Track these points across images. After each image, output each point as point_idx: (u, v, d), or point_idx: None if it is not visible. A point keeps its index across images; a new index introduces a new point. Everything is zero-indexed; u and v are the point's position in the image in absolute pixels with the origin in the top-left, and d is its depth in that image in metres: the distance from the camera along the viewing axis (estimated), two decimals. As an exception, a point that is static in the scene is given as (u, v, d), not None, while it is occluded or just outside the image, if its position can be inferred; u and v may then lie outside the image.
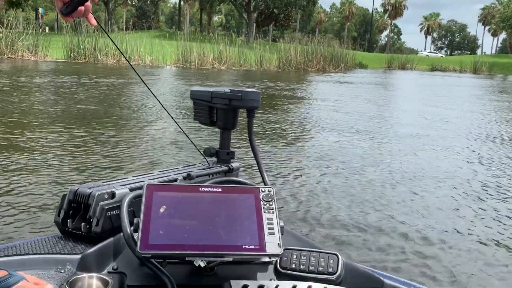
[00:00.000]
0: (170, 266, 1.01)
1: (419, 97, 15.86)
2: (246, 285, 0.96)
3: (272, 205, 1.06)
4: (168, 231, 0.98)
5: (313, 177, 4.67)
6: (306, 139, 6.87)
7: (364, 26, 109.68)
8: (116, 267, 1.02)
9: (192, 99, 1.57)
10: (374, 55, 57.24)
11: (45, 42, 22.08)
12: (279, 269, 1.07)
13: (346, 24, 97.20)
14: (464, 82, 28.05)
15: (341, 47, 32.84)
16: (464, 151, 6.44)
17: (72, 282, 0.92)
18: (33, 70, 15.99)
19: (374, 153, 5.99)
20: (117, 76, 15.42)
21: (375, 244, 3.14)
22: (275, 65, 27.70)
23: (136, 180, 1.25)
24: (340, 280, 1.05)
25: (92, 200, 1.12)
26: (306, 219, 3.52)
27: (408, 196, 4.23)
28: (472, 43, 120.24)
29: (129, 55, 23.12)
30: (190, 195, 1.05)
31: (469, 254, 3.11)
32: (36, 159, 4.61)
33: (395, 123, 8.95)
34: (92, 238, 1.10)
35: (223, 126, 1.55)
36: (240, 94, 1.46)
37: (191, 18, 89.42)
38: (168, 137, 6.13)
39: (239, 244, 0.98)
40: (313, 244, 1.20)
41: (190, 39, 25.55)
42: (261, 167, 1.49)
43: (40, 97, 9.31)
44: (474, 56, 58.31)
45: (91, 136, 5.85)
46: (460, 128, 8.70)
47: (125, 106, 8.84)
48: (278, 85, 15.89)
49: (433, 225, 3.54)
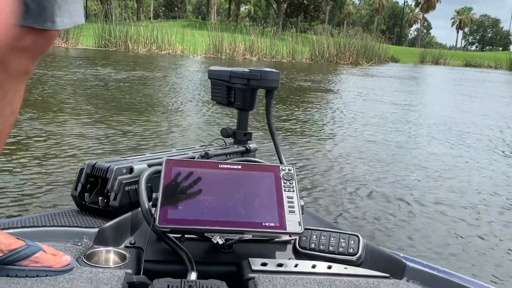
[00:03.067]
0: (188, 243, 0.99)
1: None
2: (265, 263, 0.94)
3: (293, 183, 1.04)
4: (187, 206, 0.96)
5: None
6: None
7: (393, 19, 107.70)
8: (133, 242, 1.00)
9: (210, 78, 1.55)
10: (406, 49, 55.95)
11: (76, 29, 21.84)
12: (298, 248, 1.04)
13: (375, 16, 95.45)
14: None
15: (373, 40, 32.06)
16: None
17: (89, 255, 0.92)
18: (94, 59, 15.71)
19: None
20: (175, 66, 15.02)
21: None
22: (308, 57, 27.07)
23: (154, 157, 1.23)
24: (360, 261, 1.02)
25: (110, 174, 1.09)
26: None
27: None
28: (505, 39, 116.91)
29: (159, 44, 22.82)
30: (209, 172, 1.03)
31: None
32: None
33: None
34: (110, 213, 1.08)
35: (241, 106, 1.52)
36: (259, 74, 1.42)
37: (217, 8, 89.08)
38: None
39: (259, 222, 0.96)
40: (334, 225, 1.18)
41: (221, 29, 25.01)
42: (278, 148, 1.49)
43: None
44: (509, 53, 56.43)
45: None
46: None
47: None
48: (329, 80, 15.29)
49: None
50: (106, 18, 22.58)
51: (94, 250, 0.94)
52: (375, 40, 33.07)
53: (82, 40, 22.05)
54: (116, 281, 0.84)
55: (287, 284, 0.88)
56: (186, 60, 19.97)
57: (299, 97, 9.96)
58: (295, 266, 0.95)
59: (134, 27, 22.24)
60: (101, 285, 0.82)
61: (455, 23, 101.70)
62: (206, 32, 24.43)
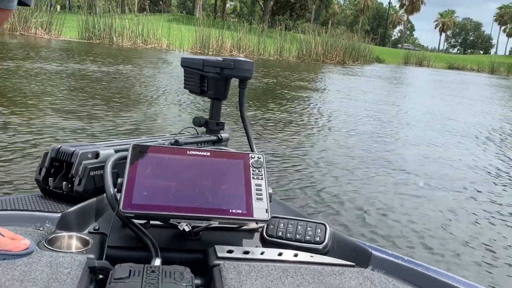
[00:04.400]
0: (154, 230, 0.97)
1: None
2: (231, 251, 0.93)
3: (262, 171, 1.03)
4: (152, 191, 0.94)
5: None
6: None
7: (377, 20, 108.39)
8: (97, 228, 0.98)
9: (183, 66, 1.52)
10: (390, 50, 56.25)
11: (59, 20, 21.27)
12: (266, 236, 1.03)
13: (360, 17, 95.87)
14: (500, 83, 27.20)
15: (360, 41, 32.08)
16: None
17: (51, 240, 0.90)
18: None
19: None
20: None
21: None
22: (294, 55, 26.91)
23: (122, 143, 1.20)
24: (327, 249, 1.02)
25: (75, 158, 1.07)
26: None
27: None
28: (486, 43, 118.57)
29: (145, 38, 22.41)
30: (177, 158, 1.00)
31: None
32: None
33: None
34: (74, 198, 1.06)
35: (214, 95, 1.51)
36: (232, 63, 1.41)
37: (203, 3, 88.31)
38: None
39: (226, 208, 0.95)
40: (301, 214, 1.17)
41: (208, 24, 24.67)
42: (249, 136, 1.47)
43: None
44: (490, 56, 57.27)
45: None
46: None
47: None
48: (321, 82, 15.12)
49: None
50: (90, 10, 22.04)
51: (56, 235, 0.92)
52: (362, 40, 33.11)
53: (65, 31, 21.49)
54: (77, 265, 0.81)
55: (252, 271, 0.87)
56: (171, 54, 19.58)
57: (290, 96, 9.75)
58: (261, 254, 0.94)
59: (119, 20, 21.75)
60: (61, 269, 0.79)
61: (438, 26, 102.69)
62: (193, 27, 24.08)
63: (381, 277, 0.93)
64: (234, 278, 0.84)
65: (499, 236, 3.23)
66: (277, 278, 0.86)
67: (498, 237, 3.21)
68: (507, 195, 4.23)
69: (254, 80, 12.10)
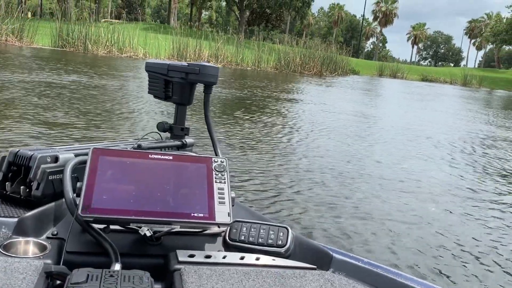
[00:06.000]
0: (115, 235, 0.96)
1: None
2: (192, 255, 0.93)
3: (224, 175, 1.03)
4: (112, 195, 0.92)
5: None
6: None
7: (351, 31, 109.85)
8: (55, 233, 0.97)
9: (147, 71, 1.51)
10: (365, 62, 56.89)
11: (32, 27, 20.63)
12: (228, 241, 1.03)
13: (334, 28, 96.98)
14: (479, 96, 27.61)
15: (337, 52, 32.25)
16: None
17: (7, 246, 0.88)
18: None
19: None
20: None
21: None
22: (272, 66, 26.80)
23: (82, 147, 1.18)
24: (289, 253, 1.03)
25: (33, 162, 1.05)
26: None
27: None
28: (456, 55, 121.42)
29: (120, 46, 21.95)
30: (138, 161, 0.99)
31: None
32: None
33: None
34: (32, 203, 1.04)
35: (178, 101, 1.48)
36: (197, 68, 1.38)
37: (177, 12, 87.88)
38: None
39: (188, 212, 0.94)
40: (264, 218, 1.18)
41: (186, 34, 24.33)
42: (214, 141, 1.48)
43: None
44: (463, 69, 58.51)
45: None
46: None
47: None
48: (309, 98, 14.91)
49: None
50: (64, 17, 21.46)
51: (12, 241, 0.89)
52: (338, 52, 33.27)
53: (37, 39, 20.85)
54: (33, 271, 0.79)
55: (213, 275, 0.87)
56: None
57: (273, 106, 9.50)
58: (223, 258, 0.94)
59: (94, 28, 21.23)
60: (15, 275, 0.77)
61: (410, 38, 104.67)
62: (170, 36, 23.72)
63: (341, 279, 0.94)
64: (195, 282, 0.83)
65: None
66: (238, 281, 0.86)
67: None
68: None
69: (239, 91, 11.83)
